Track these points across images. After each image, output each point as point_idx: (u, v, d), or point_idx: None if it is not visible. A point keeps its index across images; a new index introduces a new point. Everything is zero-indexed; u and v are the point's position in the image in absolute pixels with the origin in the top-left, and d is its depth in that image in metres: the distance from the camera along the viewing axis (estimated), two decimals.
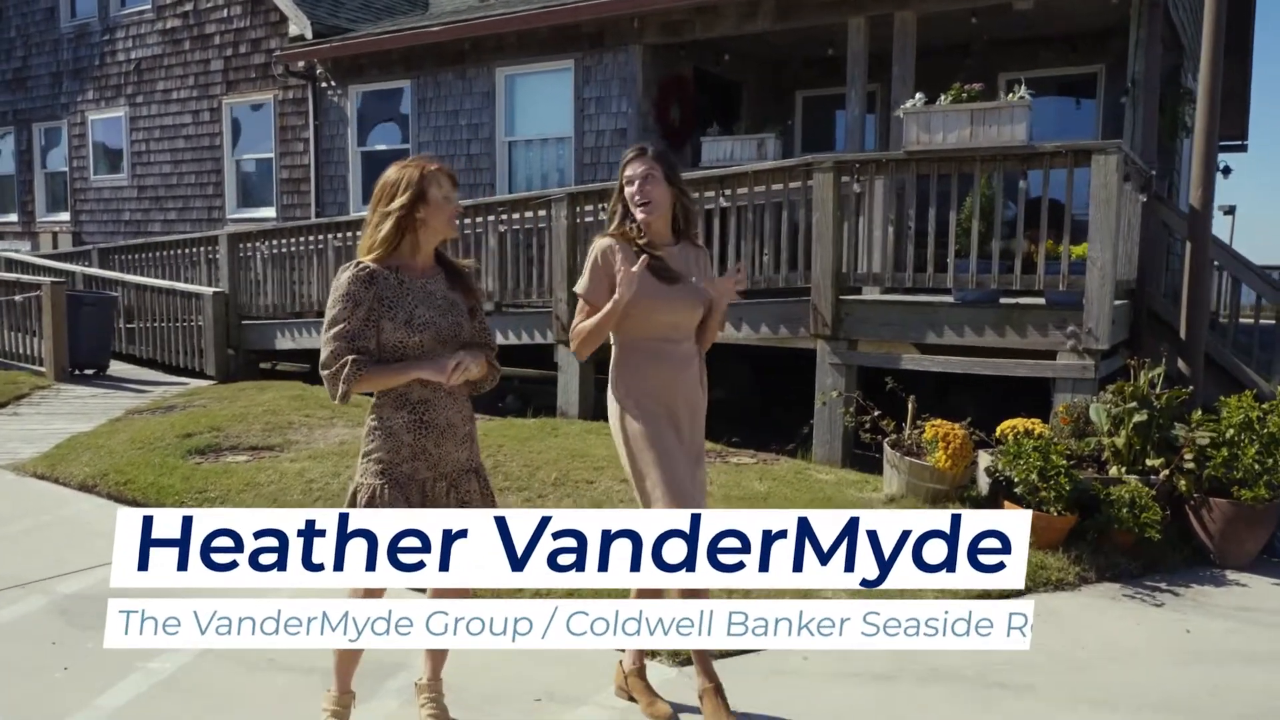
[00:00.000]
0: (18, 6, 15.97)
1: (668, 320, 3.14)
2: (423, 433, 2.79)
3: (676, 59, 10.17)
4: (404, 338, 2.72)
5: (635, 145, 3.21)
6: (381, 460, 2.77)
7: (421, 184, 2.75)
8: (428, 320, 2.75)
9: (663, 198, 3.13)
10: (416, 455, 2.79)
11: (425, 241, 2.82)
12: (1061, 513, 4.96)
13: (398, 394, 2.76)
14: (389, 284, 2.73)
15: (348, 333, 2.68)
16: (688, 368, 3.21)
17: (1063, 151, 5.91)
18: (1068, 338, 5.99)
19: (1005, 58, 10.04)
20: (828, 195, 6.63)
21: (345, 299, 2.69)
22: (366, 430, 2.83)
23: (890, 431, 5.78)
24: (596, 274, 3.16)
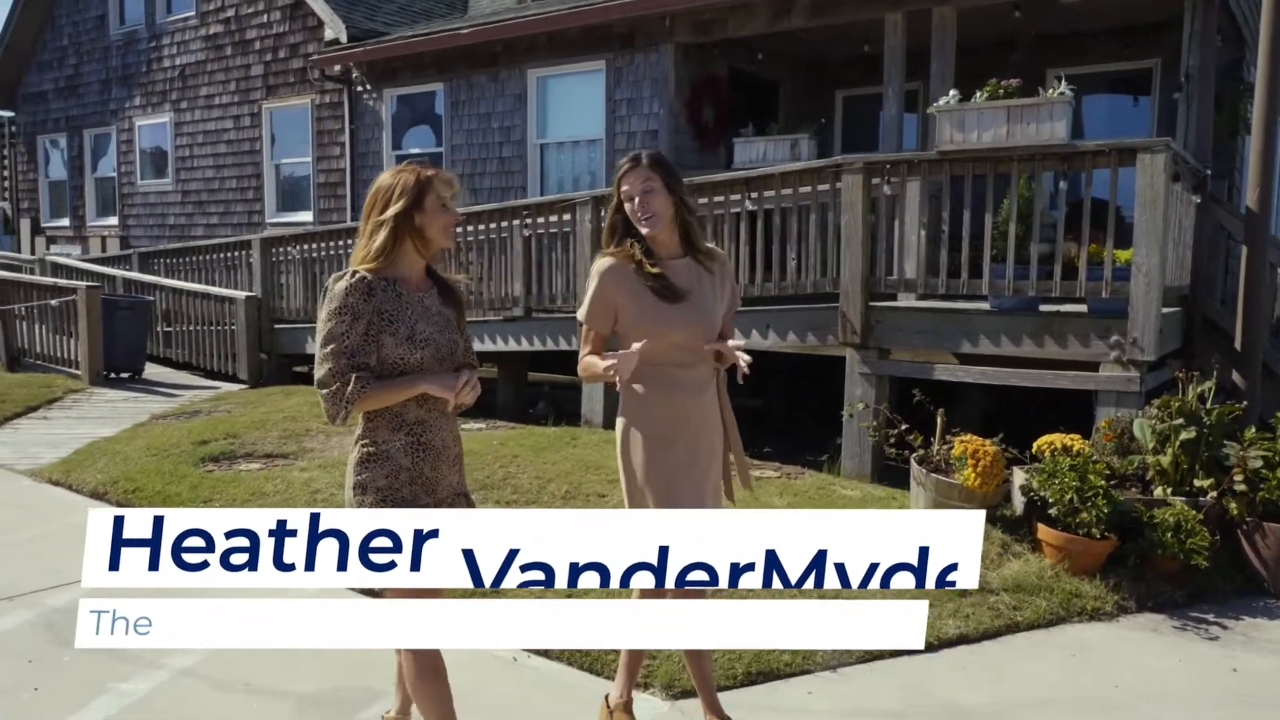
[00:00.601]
0: (70, 15, 16.29)
1: (676, 342, 2.90)
2: (420, 455, 2.62)
3: (710, 59, 9.94)
4: (405, 354, 2.54)
5: (629, 155, 2.98)
6: (380, 489, 2.58)
7: (417, 190, 2.57)
8: (428, 336, 2.58)
9: (665, 208, 2.92)
10: (415, 480, 2.62)
11: (421, 252, 2.63)
12: (1100, 536, 4.63)
13: (393, 414, 2.58)
14: (388, 296, 2.55)
15: (347, 348, 2.49)
16: (702, 393, 2.99)
17: (1106, 150, 5.56)
18: (1111, 348, 5.63)
19: (1053, 53, 9.63)
20: (857, 198, 6.34)
21: (343, 311, 2.49)
22: (357, 458, 2.62)
23: (918, 446, 5.48)
24: (597, 300, 2.95)
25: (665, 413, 2.93)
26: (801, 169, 6.71)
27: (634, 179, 2.90)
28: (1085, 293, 5.73)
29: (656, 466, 2.93)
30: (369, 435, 2.60)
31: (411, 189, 2.56)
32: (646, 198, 2.89)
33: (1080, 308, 5.95)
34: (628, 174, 2.92)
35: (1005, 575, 4.60)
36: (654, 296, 2.88)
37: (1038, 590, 4.49)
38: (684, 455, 2.95)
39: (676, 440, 2.94)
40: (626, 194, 2.91)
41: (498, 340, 8.59)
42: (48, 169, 17.43)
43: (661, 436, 2.93)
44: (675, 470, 2.93)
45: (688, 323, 2.91)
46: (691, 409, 2.96)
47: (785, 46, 10.18)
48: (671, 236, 2.97)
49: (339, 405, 2.48)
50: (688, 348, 2.93)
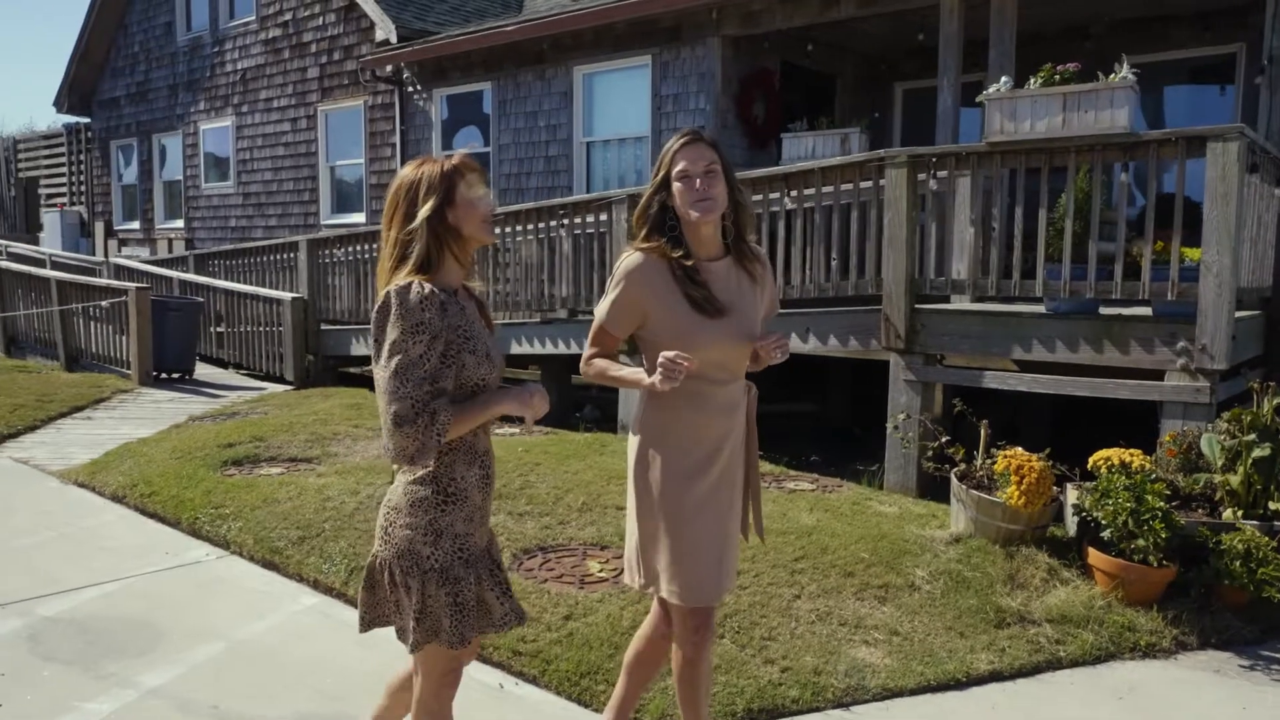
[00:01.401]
0: (140, 23, 16.69)
1: (710, 359, 2.53)
2: (488, 489, 2.35)
3: (760, 52, 9.60)
4: (486, 373, 2.24)
5: (684, 130, 2.58)
6: (459, 535, 2.26)
7: (446, 182, 2.23)
8: (495, 352, 2.31)
9: (723, 195, 2.53)
10: (483, 520, 2.35)
11: (459, 256, 2.28)
12: (1157, 563, 4.19)
13: (468, 445, 2.27)
14: (456, 310, 2.22)
15: (428, 374, 2.12)
16: (734, 413, 2.63)
17: (1172, 139, 5.08)
18: (1177, 355, 5.15)
19: (1128, 40, 9.02)
20: (901, 193, 5.96)
21: (420, 329, 2.11)
22: (423, 497, 2.24)
23: (959, 460, 5.09)
24: (623, 302, 2.55)
25: (692, 435, 2.58)
26: (843, 163, 6.34)
27: (693, 155, 2.51)
28: (1149, 294, 5.26)
29: (678, 495, 2.57)
30: (444, 471, 2.25)
31: (439, 182, 2.22)
32: (709, 179, 2.50)
33: (1144, 311, 5.48)
34: (686, 148, 2.53)
35: (1049, 604, 4.20)
36: (690, 307, 2.51)
37: (1085, 622, 4.07)
38: (710, 483, 2.59)
39: (703, 466, 2.58)
40: (682, 172, 2.50)
41: (534, 343, 8.39)
42: (120, 173, 17.90)
43: (686, 461, 2.57)
44: (701, 500, 2.57)
45: (727, 339, 2.55)
46: (722, 432, 2.61)
47: (840, 38, 9.78)
48: (716, 233, 2.59)
49: (430, 440, 2.10)
50: (724, 364, 2.58)
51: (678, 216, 2.55)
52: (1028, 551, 4.59)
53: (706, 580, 2.58)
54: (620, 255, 2.63)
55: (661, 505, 2.59)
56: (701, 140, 2.55)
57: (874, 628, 3.97)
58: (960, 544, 4.74)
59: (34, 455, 6.97)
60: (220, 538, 5.04)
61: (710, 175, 2.51)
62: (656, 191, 2.57)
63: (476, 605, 2.31)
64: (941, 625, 4.01)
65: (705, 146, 2.53)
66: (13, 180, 21.10)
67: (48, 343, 11.27)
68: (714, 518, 2.61)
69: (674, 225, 2.55)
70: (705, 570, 2.58)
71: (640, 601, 4.05)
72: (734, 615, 3.95)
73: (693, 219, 2.51)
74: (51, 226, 18.81)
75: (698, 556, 2.57)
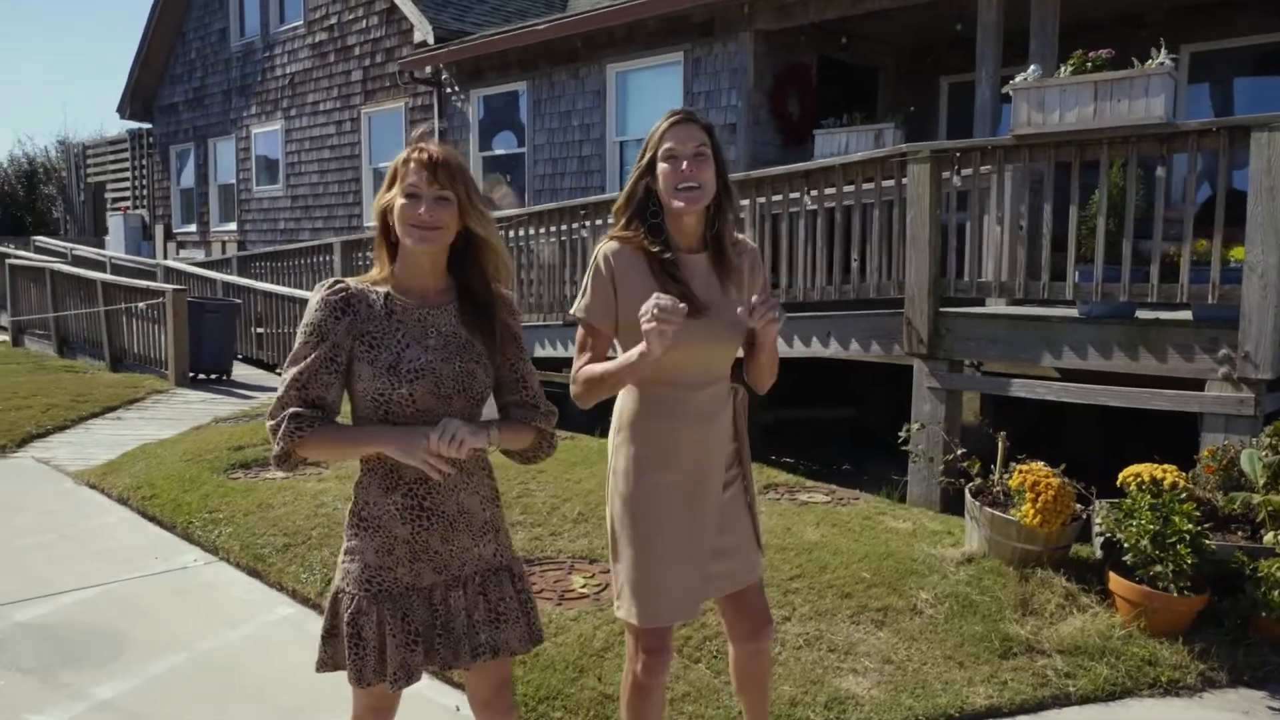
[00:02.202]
0: (197, 30, 17.03)
1: (688, 362, 2.32)
2: (424, 524, 2.07)
3: (795, 46, 9.30)
4: (386, 389, 1.99)
5: (674, 110, 2.35)
6: (367, 563, 2.07)
7: (393, 175, 2.05)
8: (423, 365, 2.02)
9: (711, 182, 2.30)
10: (416, 555, 2.07)
11: (408, 256, 2.07)
12: (1182, 591, 3.84)
13: (387, 469, 2.05)
14: (374, 313, 2.03)
15: (301, 377, 1.99)
16: (714, 420, 2.41)
17: (1213, 129, 4.70)
18: (1219, 363, 4.76)
19: (1189, 28, 8.56)
20: (924, 190, 5.65)
21: (308, 329, 2.01)
22: (348, 519, 2.13)
23: (975, 474, 4.77)
24: (598, 293, 2.34)
25: (664, 443, 2.36)
26: (864, 159, 6.04)
27: (684, 135, 2.28)
28: (1188, 297, 4.88)
29: (641, 507, 2.36)
30: (360, 493, 2.11)
31: (391, 173, 2.05)
32: (699, 163, 2.27)
33: (1184, 315, 5.09)
34: (676, 127, 2.30)
35: (1062, 633, 3.87)
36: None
37: (1101, 653, 3.74)
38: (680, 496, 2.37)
39: (674, 478, 2.37)
40: (669, 152, 2.28)
41: (558, 346, 8.24)
42: (179, 177, 18.30)
43: (654, 472, 2.36)
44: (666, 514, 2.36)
45: (709, 339, 2.33)
46: (700, 441, 2.39)
47: (879, 30, 9.44)
48: (698, 225, 2.37)
49: (279, 444, 1.98)
50: (708, 365, 2.37)
51: (660, 203, 2.33)
52: (1044, 574, 4.27)
53: (661, 600, 2.38)
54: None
55: (624, 516, 2.39)
56: (693, 120, 2.32)
57: (865, 655, 3.70)
58: (972, 564, 4.44)
59: (56, 455, 7.04)
60: (211, 543, 4.98)
61: (699, 159, 2.28)
62: (642, 175, 2.34)
63: (380, 646, 2.08)
64: (940, 653, 3.73)
65: (696, 127, 2.31)
66: (82, 185, 21.76)
67: (95, 344, 11.50)
68: (681, 534, 2.38)
69: (656, 212, 2.33)
70: (661, 590, 2.37)
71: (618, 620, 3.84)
72: (714, 638, 3.71)
73: (675, 209, 2.30)
74: (116, 230, 19.33)
75: (654, 574, 2.37)
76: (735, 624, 2.61)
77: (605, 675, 3.45)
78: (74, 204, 22.06)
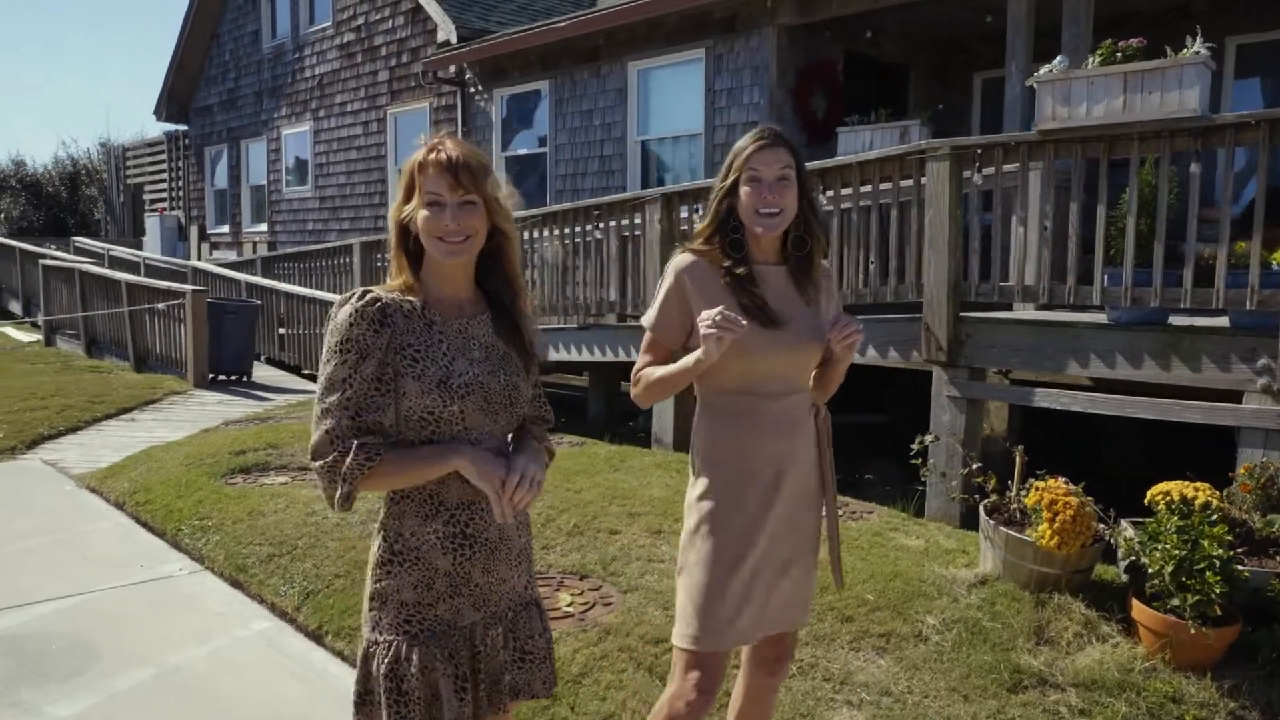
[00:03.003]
0: (231, 32, 17.13)
1: (766, 373, 2.29)
2: (466, 553, 1.86)
3: (820, 42, 9.03)
4: (437, 406, 1.80)
5: (761, 128, 2.33)
6: (404, 602, 1.85)
7: (408, 181, 1.86)
8: (472, 379, 1.84)
9: (792, 208, 2.29)
10: (457, 589, 1.87)
11: (443, 267, 1.87)
12: (1204, 622, 3.54)
13: (426, 493, 1.84)
14: (412, 324, 1.83)
15: (351, 401, 1.75)
16: (794, 433, 2.33)
17: (1252, 122, 4.37)
18: (1257, 374, 4.43)
19: (1241, 17, 8.16)
20: (943, 189, 5.37)
21: (345, 347, 1.77)
22: (375, 558, 1.88)
23: (991, 490, 4.49)
24: (669, 303, 2.33)
25: (742, 455, 2.30)
26: (880, 157, 5.77)
27: (770, 159, 2.25)
28: (1224, 303, 4.56)
29: (716, 524, 2.28)
30: (392, 524, 1.86)
31: (407, 179, 1.87)
32: (782, 186, 2.25)
33: (1221, 321, 4.76)
34: (763, 151, 2.26)
35: (1079, 665, 3.60)
36: (743, 314, 2.23)
37: (1120, 689, 3.46)
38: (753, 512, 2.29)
39: (751, 492, 2.29)
40: (754, 176, 2.25)
41: (572, 350, 8.05)
42: (213, 179, 18.44)
43: (731, 487, 2.29)
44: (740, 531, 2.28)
45: (786, 349, 2.29)
46: (779, 453, 2.31)
47: (906, 24, 9.13)
48: (779, 240, 2.36)
49: (335, 484, 1.75)
50: (782, 375, 2.32)
51: (741, 221, 2.31)
52: (1062, 600, 3.98)
53: (718, 623, 2.28)
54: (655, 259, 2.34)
55: (697, 531, 2.31)
56: (780, 143, 2.28)
57: (863, 685, 3.45)
58: (985, 587, 4.16)
59: (65, 457, 7.00)
60: (197, 552, 4.86)
61: (783, 183, 2.26)
62: (725, 196, 2.32)
63: (427, 698, 1.84)
64: (945, 685, 3.47)
65: (783, 150, 2.27)
66: (121, 187, 22.06)
67: (121, 344, 11.55)
68: (753, 551, 2.29)
69: (737, 227, 2.32)
70: (720, 611, 2.27)
71: (600, 643, 3.64)
72: None
73: (758, 234, 2.29)
74: (152, 230, 19.54)
75: (716, 594, 2.27)
76: (759, 649, 2.50)
77: (579, 704, 3.25)
78: (114, 205, 22.37)
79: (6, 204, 23.38)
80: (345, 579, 4.24)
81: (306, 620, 4.00)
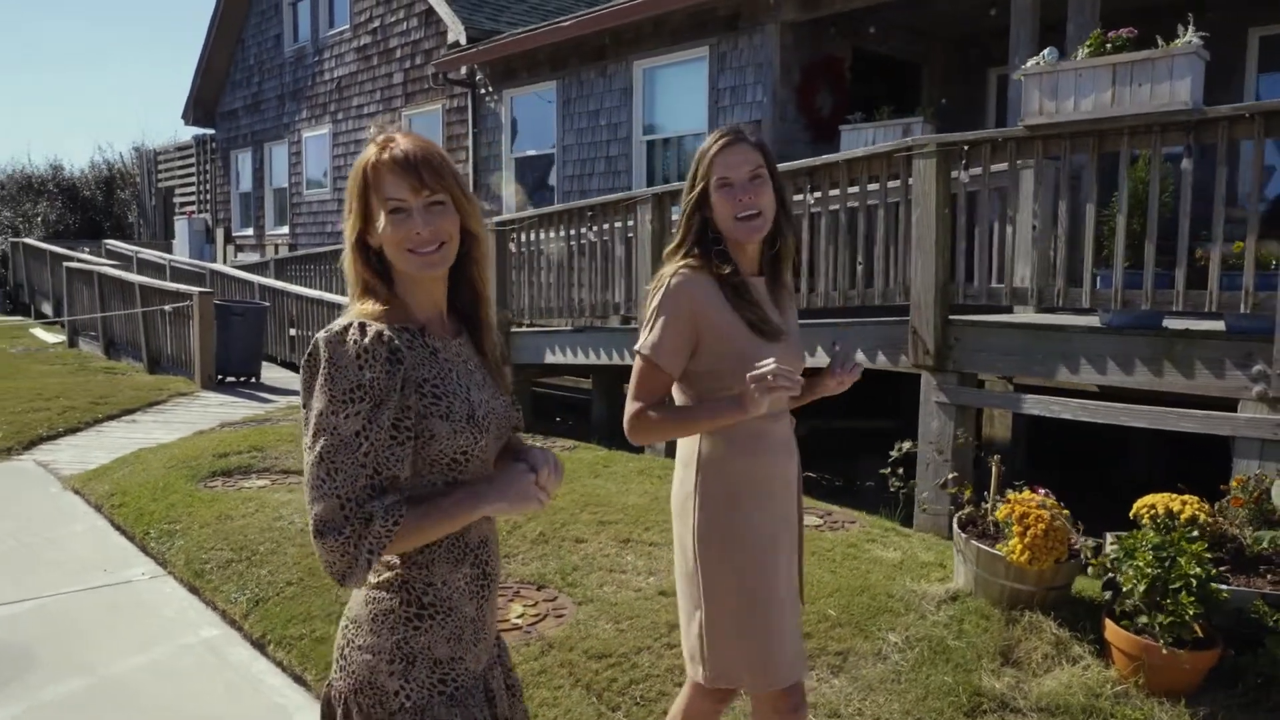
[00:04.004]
0: (255, 37, 17.28)
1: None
2: (485, 594, 1.69)
3: (825, 38, 8.84)
4: (470, 444, 1.59)
5: (723, 127, 2.17)
6: (441, 659, 1.62)
7: (362, 187, 1.60)
8: (490, 409, 1.64)
9: (771, 208, 2.13)
10: (479, 635, 1.68)
11: (413, 283, 1.62)
12: (1177, 645, 3.33)
13: (454, 536, 1.63)
14: (419, 356, 1.57)
15: (369, 459, 1.48)
16: (791, 451, 2.29)
17: (1246, 115, 4.14)
18: (1253, 380, 4.20)
19: (1260, 11, 7.84)
20: (930, 188, 5.18)
21: (356, 395, 1.47)
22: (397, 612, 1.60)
23: (967, 500, 4.30)
24: (676, 328, 2.11)
25: (763, 485, 2.20)
26: (868, 155, 5.59)
27: (736, 159, 2.09)
28: (1218, 306, 4.32)
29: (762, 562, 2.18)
30: (417, 574, 1.61)
31: (359, 184, 1.60)
32: (754, 187, 2.08)
33: (1218, 325, 4.53)
34: (726, 150, 2.10)
35: (1044, 689, 3.40)
36: (749, 331, 2.12)
37: (1085, 714, 3.27)
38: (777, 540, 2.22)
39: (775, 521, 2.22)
40: (723, 180, 2.08)
41: (566, 353, 7.94)
42: (238, 182, 18.61)
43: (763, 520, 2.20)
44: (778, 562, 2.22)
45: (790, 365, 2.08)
46: (784, 475, 2.25)
47: (918, 20, 8.91)
48: (759, 249, 2.20)
49: (360, 558, 1.46)
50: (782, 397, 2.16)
51: (721, 232, 2.14)
52: (1034, 618, 3.78)
53: (794, 650, 2.23)
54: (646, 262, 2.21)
55: (743, 578, 2.17)
56: (743, 140, 2.12)
57: (812, 706, 3.28)
58: (956, 604, 3.97)
59: (58, 458, 7.03)
60: (162, 556, 4.81)
61: (756, 183, 2.10)
62: (696, 208, 2.15)
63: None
64: (899, 708, 3.29)
65: (748, 148, 2.11)
66: (153, 190, 22.37)
67: (137, 346, 11.65)
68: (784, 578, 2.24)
69: (718, 239, 2.15)
70: (790, 640, 2.22)
71: (541, 657, 3.52)
72: (641, 682, 3.35)
73: (738, 240, 2.14)
74: (181, 233, 19.78)
75: (782, 626, 2.20)
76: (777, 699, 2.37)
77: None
78: (146, 208, 22.70)
79: (44, 207, 23.82)
80: (297, 586, 4.17)
81: (252, 629, 3.93)
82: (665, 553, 4.56)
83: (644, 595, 4.07)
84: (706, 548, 2.17)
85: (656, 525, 4.89)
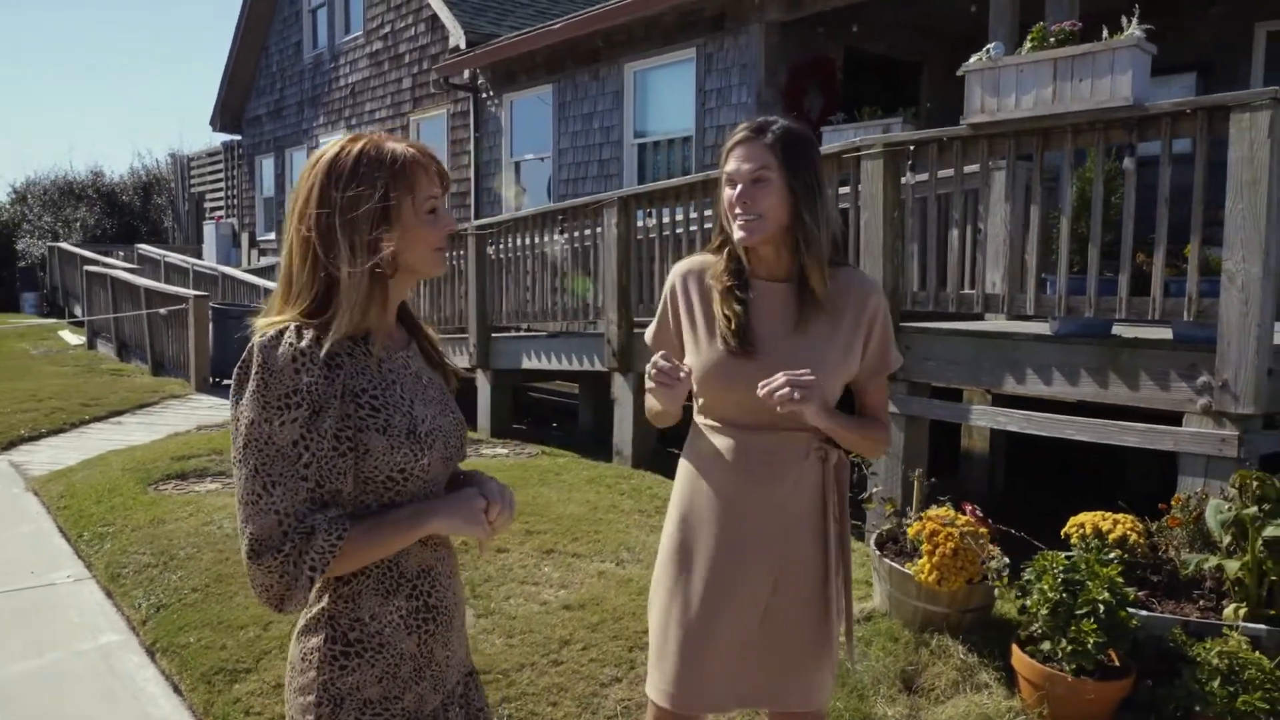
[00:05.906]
0: (277, 44, 17.50)
1: (737, 401, 2.02)
2: (430, 628, 1.56)
3: (813, 39, 8.64)
4: (408, 461, 1.48)
5: (749, 122, 2.03)
6: (371, 700, 1.50)
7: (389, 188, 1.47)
8: (434, 425, 1.54)
9: (777, 212, 1.96)
10: (421, 673, 1.55)
11: (396, 289, 1.56)
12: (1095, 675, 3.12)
13: (385, 566, 1.51)
14: (360, 365, 1.48)
15: (310, 469, 1.39)
16: (776, 478, 2.02)
17: (1188, 111, 3.90)
18: (1198, 392, 3.95)
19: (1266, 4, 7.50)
20: (878, 190, 5.00)
21: (291, 400, 1.38)
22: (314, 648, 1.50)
23: (889, 517, 4.11)
24: (664, 315, 2.16)
25: (712, 492, 2.05)
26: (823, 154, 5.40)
27: (746, 156, 1.97)
28: (1162, 313, 4.08)
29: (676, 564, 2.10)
30: (344, 607, 1.50)
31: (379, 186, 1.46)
32: (754, 189, 1.95)
33: (1166, 333, 4.29)
34: (737, 146, 1.99)
35: (941, 718, 3.21)
36: (714, 334, 2.03)
37: None
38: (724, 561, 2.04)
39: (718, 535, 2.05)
40: (729, 178, 2.00)
41: (541, 358, 7.85)
42: (262, 187, 18.86)
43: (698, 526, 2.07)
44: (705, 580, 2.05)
45: (751, 383, 1.94)
46: (760, 498, 2.02)
47: (907, 17, 8.68)
48: (780, 252, 2.03)
49: (298, 578, 1.37)
50: (755, 409, 1.97)
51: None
52: (943, 641, 3.59)
53: (682, 680, 2.06)
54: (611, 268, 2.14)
55: (662, 572, 2.13)
56: (757, 138, 1.97)
57: None
58: (869, 624, 3.79)
59: (33, 459, 7.11)
60: (89, 559, 4.81)
61: (758, 185, 1.95)
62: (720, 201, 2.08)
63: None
64: None
65: (760, 147, 1.96)
66: (186, 195, 22.80)
67: (144, 348, 11.82)
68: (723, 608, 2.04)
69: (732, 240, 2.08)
70: (683, 667, 2.06)
71: None
72: (513, 700, 3.23)
73: (736, 240, 2.01)
74: (209, 237, 20.10)
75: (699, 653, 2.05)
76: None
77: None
78: (180, 213, 23.14)
79: (84, 212, 24.41)
80: (201, 593, 4.11)
81: (147, 635, 3.88)
82: (585, 564, 4.44)
83: (548, 609, 3.95)
84: (659, 558, 2.16)
85: (585, 536, 4.76)
